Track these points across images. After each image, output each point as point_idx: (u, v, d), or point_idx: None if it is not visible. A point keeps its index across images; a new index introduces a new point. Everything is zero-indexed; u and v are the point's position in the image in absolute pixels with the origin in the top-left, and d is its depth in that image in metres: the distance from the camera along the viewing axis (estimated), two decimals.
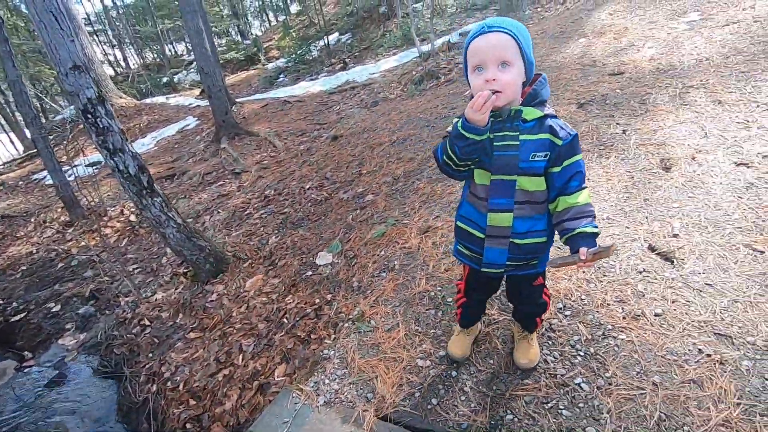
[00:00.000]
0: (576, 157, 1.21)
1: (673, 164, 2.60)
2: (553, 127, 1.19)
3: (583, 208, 1.21)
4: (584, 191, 1.23)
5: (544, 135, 1.19)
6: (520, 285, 1.53)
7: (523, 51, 1.13)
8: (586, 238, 1.18)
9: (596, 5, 5.75)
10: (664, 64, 3.79)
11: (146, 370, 2.92)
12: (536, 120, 1.19)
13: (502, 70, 1.13)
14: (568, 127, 1.21)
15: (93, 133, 2.71)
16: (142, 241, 4.89)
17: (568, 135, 1.19)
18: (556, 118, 1.22)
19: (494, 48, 1.12)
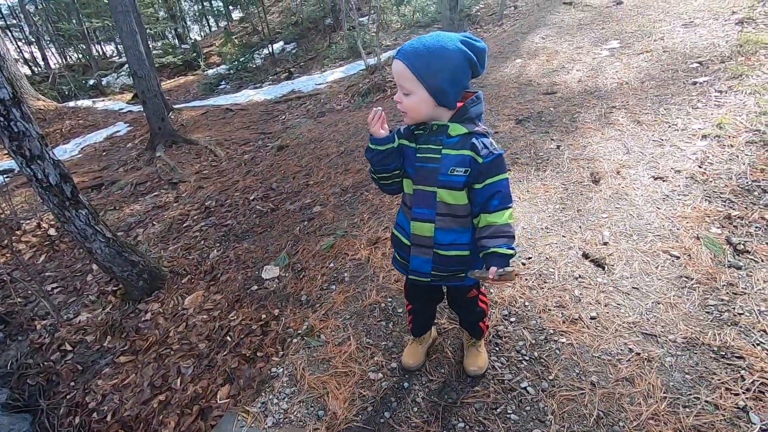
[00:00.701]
0: (498, 176, 1.23)
1: (601, 177, 2.82)
2: (476, 145, 1.21)
3: (502, 227, 1.25)
4: (506, 211, 1.26)
5: (466, 151, 1.22)
6: (456, 295, 1.60)
7: (423, 81, 1.15)
8: (499, 258, 1.24)
9: (530, 29, 6.17)
10: (591, 86, 4.14)
11: (67, 401, 2.63)
12: (460, 136, 1.23)
13: (405, 96, 1.20)
14: (494, 146, 1.23)
15: (6, 137, 2.43)
16: (63, 257, 4.43)
17: (491, 154, 1.21)
18: (483, 137, 1.23)
19: (397, 75, 1.19)
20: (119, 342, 2.95)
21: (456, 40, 1.16)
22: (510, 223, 1.26)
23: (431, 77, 1.14)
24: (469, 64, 1.16)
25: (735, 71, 3.52)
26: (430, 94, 1.16)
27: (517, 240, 2.32)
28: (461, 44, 1.15)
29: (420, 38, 1.17)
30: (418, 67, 1.14)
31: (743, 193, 2.43)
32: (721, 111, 3.14)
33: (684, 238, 2.21)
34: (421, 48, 1.14)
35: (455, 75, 1.15)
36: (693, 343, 1.70)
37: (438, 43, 1.14)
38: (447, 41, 1.15)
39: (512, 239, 1.26)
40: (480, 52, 1.18)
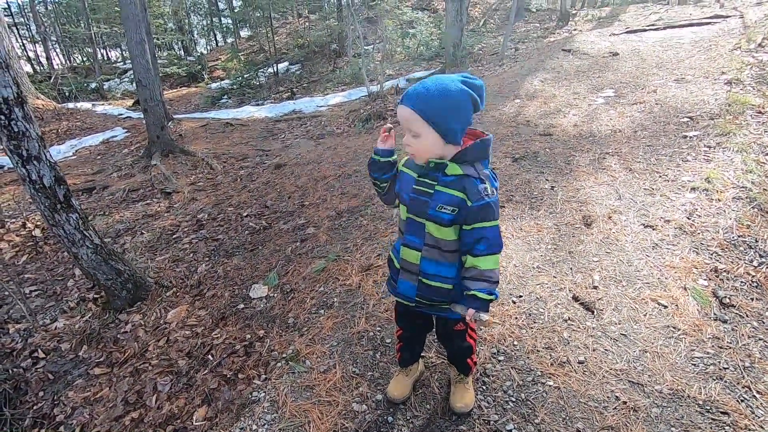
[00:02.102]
0: (486, 223, 1.26)
1: (593, 221, 2.88)
2: (468, 188, 1.24)
3: (485, 272, 1.29)
4: (490, 257, 1.29)
5: (458, 192, 1.26)
6: (444, 327, 1.60)
7: (431, 122, 1.20)
8: (477, 301, 1.30)
9: (530, 72, 6.40)
10: (585, 131, 4.27)
11: (33, 412, 2.51)
12: (456, 176, 1.26)
13: (414, 138, 1.25)
14: (486, 192, 1.25)
15: (5, 136, 2.41)
16: (45, 259, 4.33)
17: (481, 199, 1.23)
18: (479, 181, 1.25)
19: (405, 120, 1.24)
20: (95, 352, 2.85)
21: (456, 80, 1.22)
22: (494, 269, 1.31)
23: (439, 118, 1.20)
24: (471, 102, 1.22)
25: (723, 129, 3.67)
26: (439, 134, 1.22)
27: (500, 285, 2.34)
28: (462, 84, 1.21)
29: (422, 83, 1.23)
30: (426, 111, 1.19)
31: (729, 247, 2.50)
32: (709, 166, 3.25)
33: (672, 287, 2.25)
34: (425, 92, 1.19)
35: (460, 113, 1.21)
36: (679, 395, 1.71)
37: (441, 86, 1.20)
38: (449, 83, 1.20)
39: (494, 285, 1.31)
40: (479, 89, 1.24)
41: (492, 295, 1.30)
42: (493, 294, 1.30)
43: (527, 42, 10.21)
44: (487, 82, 6.49)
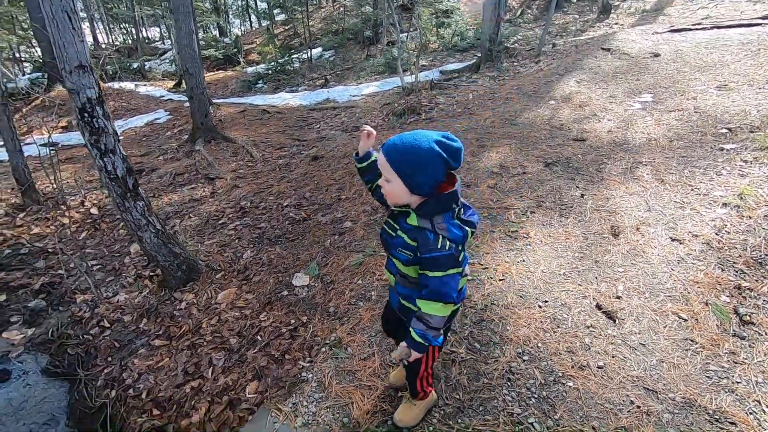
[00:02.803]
0: (431, 272, 1.35)
1: (620, 232, 2.99)
2: (420, 240, 1.36)
3: (423, 315, 1.40)
4: (432, 303, 1.37)
5: (412, 241, 1.38)
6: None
7: (398, 173, 1.31)
8: (410, 339, 1.44)
9: (566, 71, 6.36)
10: (620, 138, 4.30)
11: (105, 375, 2.87)
12: (413, 227, 1.38)
13: (387, 182, 1.37)
14: (436, 246, 1.33)
15: (87, 131, 2.71)
16: (103, 236, 4.73)
17: (428, 252, 1.34)
18: (431, 235, 1.34)
19: (380, 165, 1.36)
20: (154, 326, 3.19)
21: (431, 140, 1.29)
22: (433, 314, 1.38)
23: (405, 170, 1.30)
24: (441, 160, 1.29)
25: (763, 143, 3.65)
26: (404, 183, 1.32)
27: (525, 291, 2.50)
28: (435, 144, 1.29)
29: (401, 136, 1.34)
30: (395, 162, 1.31)
31: (756, 265, 2.58)
32: (744, 181, 3.28)
33: (694, 302, 2.37)
34: (399, 144, 1.31)
35: (426, 169, 1.29)
36: (691, 403, 1.86)
37: (414, 142, 1.30)
38: (422, 140, 1.29)
39: (431, 330, 1.40)
40: (454, 152, 1.31)
41: (424, 338, 1.40)
42: (425, 338, 1.40)
43: (565, 36, 10.01)
44: (523, 81, 6.51)
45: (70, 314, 3.57)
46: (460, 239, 1.36)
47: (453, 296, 1.37)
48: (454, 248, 1.34)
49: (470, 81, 7.35)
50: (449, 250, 1.33)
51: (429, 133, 1.32)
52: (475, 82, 7.15)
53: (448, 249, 1.32)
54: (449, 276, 1.35)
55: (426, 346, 1.42)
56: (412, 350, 1.43)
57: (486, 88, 6.72)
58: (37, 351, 3.32)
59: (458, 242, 1.35)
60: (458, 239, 1.35)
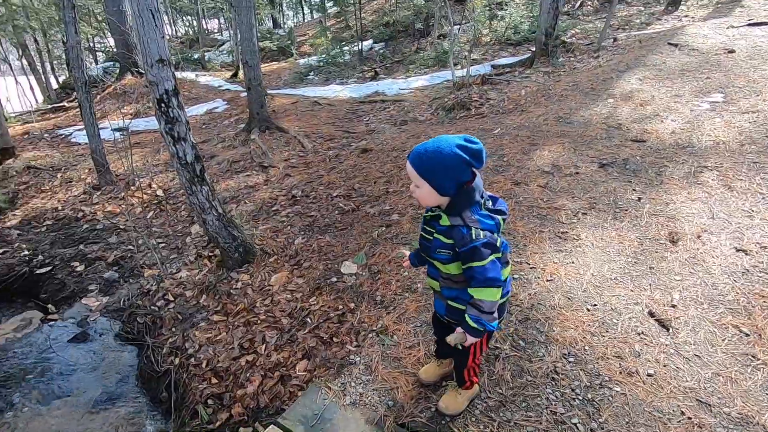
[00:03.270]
0: (474, 263, 1.44)
1: (680, 239, 2.87)
2: (455, 237, 1.45)
3: (477, 301, 1.48)
4: (482, 289, 1.47)
5: (449, 240, 1.49)
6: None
7: (425, 178, 1.43)
8: (465, 324, 1.52)
9: (627, 68, 6.07)
10: (684, 140, 4.09)
11: (170, 343, 3.15)
12: (446, 227, 1.49)
13: (416, 188, 1.49)
14: (470, 238, 1.42)
15: (163, 120, 2.95)
16: (168, 216, 5.11)
17: (464, 245, 1.43)
18: (465, 229, 1.43)
19: (409, 173, 1.49)
20: (213, 302, 3.44)
21: (453, 145, 1.39)
22: (485, 299, 1.47)
23: (430, 175, 1.42)
24: (464, 163, 1.40)
25: None
26: (432, 187, 1.44)
27: (572, 294, 2.48)
28: (457, 148, 1.39)
29: (424, 144, 1.45)
30: (421, 168, 1.43)
31: None
32: None
33: (757, 316, 2.25)
34: (423, 153, 1.43)
35: (450, 173, 1.41)
36: (748, 420, 1.80)
37: (437, 149, 1.41)
38: (444, 146, 1.40)
39: (484, 314, 1.48)
40: (476, 153, 1.40)
41: (479, 324, 1.48)
42: (480, 323, 1.48)
43: (628, 30, 9.50)
44: (580, 77, 6.28)
45: (139, 286, 3.92)
46: (493, 227, 1.47)
47: (499, 279, 1.46)
48: (489, 236, 1.44)
49: (523, 76, 7.18)
50: (484, 238, 1.43)
51: (450, 137, 1.43)
52: (528, 78, 6.97)
53: (483, 238, 1.43)
54: (491, 262, 1.45)
55: (481, 331, 1.50)
56: (467, 335, 1.52)
57: (539, 84, 6.54)
58: (111, 317, 3.69)
59: (491, 230, 1.46)
60: (490, 227, 1.46)
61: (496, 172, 4.02)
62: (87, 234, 4.96)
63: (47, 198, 6.09)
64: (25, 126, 10.10)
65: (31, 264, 4.44)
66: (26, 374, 3.16)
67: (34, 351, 3.36)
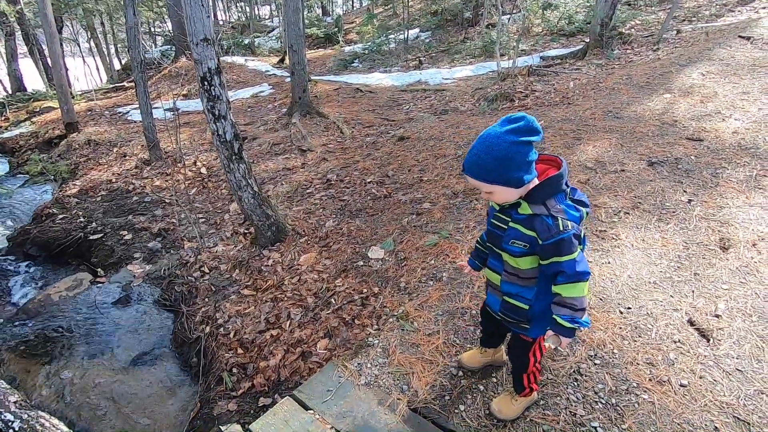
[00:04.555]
0: (560, 257, 1.32)
1: (732, 245, 2.66)
2: (538, 227, 1.32)
3: (566, 299, 1.37)
4: (572, 285, 1.35)
5: (529, 231, 1.35)
6: (515, 339, 1.72)
7: (494, 182, 1.30)
8: (558, 326, 1.40)
9: (690, 62, 5.63)
10: (748, 141, 3.76)
11: (202, 312, 3.30)
12: (527, 215, 1.35)
13: (489, 194, 1.37)
14: (557, 229, 1.29)
15: (205, 98, 3.06)
16: (209, 194, 5.33)
17: (551, 237, 1.30)
18: (549, 219, 1.30)
19: (474, 185, 1.36)
20: (244, 277, 3.57)
21: (499, 133, 1.25)
22: (577, 296, 1.35)
23: (497, 176, 1.29)
24: (522, 146, 1.25)
25: None
26: (505, 186, 1.31)
27: (608, 294, 2.35)
28: (506, 134, 1.24)
29: (472, 150, 1.31)
30: (484, 175, 1.30)
31: None
32: None
33: None
34: (476, 159, 1.29)
35: (514, 162, 1.26)
36: None
37: (487, 148, 1.27)
38: (492, 141, 1.26)
39: (577, 312, 1.37)
40: (526, 128, 1.24)
41: (574, 322, 1.37)
42: (575, 322, 1.37)
43: (695, 22, 8.79)
44: (635, 70, 5.90)
45: (179, 257, 4.12)
46: (578, 219, 1.34)
47: (589, 272, 1.35)
48: (577, 227, 1.32)
49: (573, 68, 6.85)
50: (573, 229, 1.30)
51: (492, 128, 1.29)
52: (578, 70, 6.64)
53: (572, 229, 1.30)
54: (581, 255, 1.34)
55: (574, 330, 1.39)
56: (561, 337, 1.41)
57: (590, 76, 6.21)
58: (152, 284, 3.91)
59: (577, 222, 1.33)
60: (576, 219, 1.34)
61: None
62: (136, 205, 5.27)
63: (103, 170, 6.51)
64: (89, 103, 10.82)
65: (85, 230, 4.77)
66: (74, 330, 3.42)
67: (82, 309, 3.63)
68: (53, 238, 4.75)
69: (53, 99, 10.26)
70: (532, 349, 1.66)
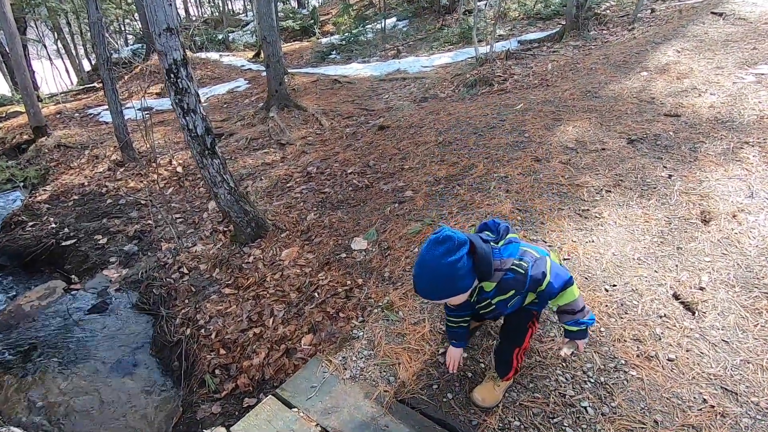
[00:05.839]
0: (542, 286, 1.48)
1: (712, 218, 2.66)
2: (511, 286, 1.49)
3: (564, 307, 1.57)
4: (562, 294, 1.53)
5: (509, 292, 1.52)
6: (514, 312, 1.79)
7: (449, 296, 1.45)
8: (569, 333, 1.62)
9: (665, 39, 5.65)
10: (724, 114, 3.78)
11: (182, 314, 3.19)
12: (495, 288, 1.51)
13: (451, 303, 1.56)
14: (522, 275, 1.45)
15: (172, 91, 2.93)
16: (186, 192, 5.18)
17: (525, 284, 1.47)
18: (510, 275, 1.46)
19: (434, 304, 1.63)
20: (225, 276, 3.47)
21: (436, 258, 1.37)
22: (571, 300, 1.54)
23: (450, 291, 1.43)
24: (459, 261, 1.37)
25: None
26: (459, 295, 1.44)
27: (593, 272, 2.33)
28: (442, 258, 1.36)
29: (418, 278, 1.43)
30: (438, 295, 1.47)
31: None
32: None
33: None
34: (426, 285, 1.43)
35: (459, 276, 1.40)
36: None
37: (432, 274, 1.39)
38: (435, 267, 1.37)
39: (577, 314, 1.55)
40: (458, 245, 1.36)
41: (579, 324, 1.55)
42: (581, 323, 1.55)
43: (668, 1, 8.86)
44: (611, 50, 5.90)
45: (157, 259, 3.99)
46: (517, 249, 1.52)
47: (569, 275, 1.52)
48: (528, 256, 1.50)
49: (551, 51, 6.83)
50: (528, 261, 1.47)
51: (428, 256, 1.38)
52: (556, 52, 6.62)
53: (527, 264, 1.47)
54: (551, 271, 1.48)
55: (585, 331, 1.57)
56: (576, 342, 1.59)
57: (568, 58, 6.20)
58: (129, 288, 3.78)
59: (521, 251, 1.51)
60: (516, 251, 1.52)
61: (517, 149, 3.84)
62: (110, 208, 5.09)
63: (75, 174, 6.28)
64: (57, 106, 10.43)
65: (57, 236, 4.59)
66: (49, 340, 3.28)
67: (56, 318, 3.48)
68: (24, 246, 4.56)
69: (20, 103, 9.86)
70: (532, 319, 1.70)
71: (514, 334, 1.70)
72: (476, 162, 3.82)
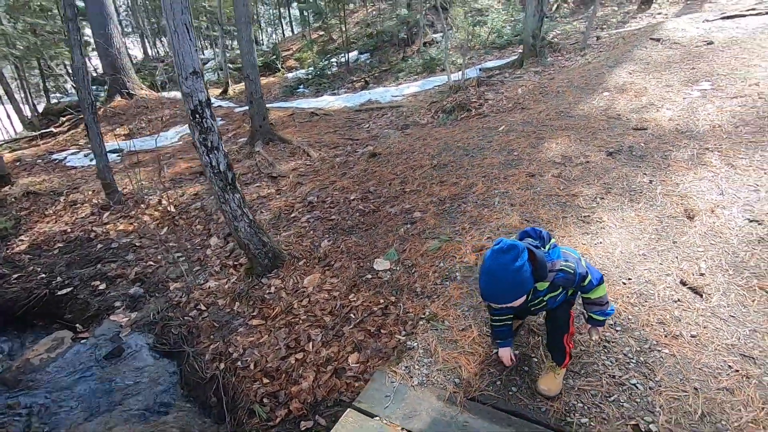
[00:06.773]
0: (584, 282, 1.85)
1: (695, 214, 3.06)
2: (561, 284, 1.80)
3: (594, 300, 1.95)
4: (596, 289, 1.90)
5: (558, 291, 1.85)
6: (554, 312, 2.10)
7: (515, 298, 1.70)
8: (593, 321, 2.05)
9: (616, 63, 6.37)
10: (682, 126, 4.33)
11: (211, 350, 3.17)
12: (548, 286, 1.82)
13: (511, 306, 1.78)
14: (571, 274, 1.78)
15: (197, 131, 3.03)
16: (181, 231, 5.12)
17: (574, 282, 1.81)
18: (561, 275, 1.77)
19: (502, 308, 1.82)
20: (248, 308, 3.48)
21: (503, 266, 1.65)
22: (601, 295, 1.91)
23: (515, 295, 1.69)
24: (523, 267, 1.65)
25: None
26: (522, 297, 1.71)
27: (607, 269, 2.63)
28: (509, 265, 1.64)
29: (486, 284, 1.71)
30: (505, 300, 1.70)
31: None
32: None
33: None
34: (494, 291, 1.70)
35: (524, 281, 1.67)
36: None
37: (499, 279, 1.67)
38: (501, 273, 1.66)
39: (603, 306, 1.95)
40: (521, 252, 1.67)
41: (603, 315, 1.96)
42: (605, 314, 1.96)
43: (607, 29, 9.91)
44: (572, 74, 6.55)
45: (167, 299, 3.93)
46: (560, 252, 1.84)
47: (602, 275, 1.88)
48: (574, 258, 1.82)
49: (515, 76, 7.44)
50: (573, 262, 1.79)
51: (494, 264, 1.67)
52: (520, 78, 7.23)
53: (573, 263, 1.79)
54: (590, 271, 1.84)
55: (605, 320, 2.00)
56: (599, 328, 2.05)
57: (534, 82, 6.80)
58: (143, 331, 3.69)
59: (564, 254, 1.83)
60: (559, 253, 1.82)
61: (510, 166, 4.19)
62: (103, 253, 4.93)
63: (53, 221, 6.02)
64: (14, 153, 9.92)
65: (50, 286, 4.40)
66: (68, 393, 3.14)
67: (70, 368, 3.34)
68: (13, 299, 4.32)
69: None
70: (570, 308, 1.97)
71: (560, 324, 1.94)
72: (475, 181, 4.12)
